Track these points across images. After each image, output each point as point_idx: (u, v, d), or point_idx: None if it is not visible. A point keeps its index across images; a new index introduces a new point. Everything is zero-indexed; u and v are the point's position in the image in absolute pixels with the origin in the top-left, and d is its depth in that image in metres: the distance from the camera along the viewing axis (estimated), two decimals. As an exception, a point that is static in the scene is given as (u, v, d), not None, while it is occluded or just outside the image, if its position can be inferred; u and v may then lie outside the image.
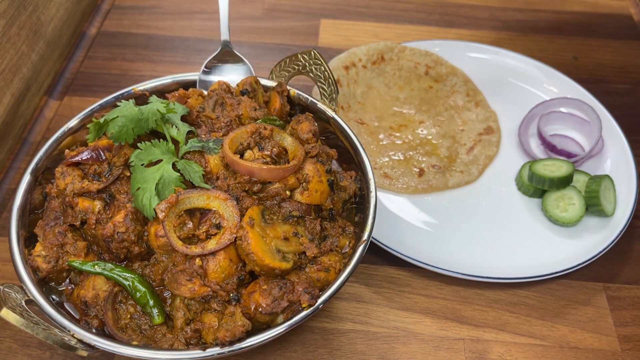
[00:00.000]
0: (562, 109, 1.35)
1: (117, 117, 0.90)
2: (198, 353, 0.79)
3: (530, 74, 1.43)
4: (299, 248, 0.87)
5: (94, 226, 0.88)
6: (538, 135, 1.30)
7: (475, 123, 1.34)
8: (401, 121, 1.33)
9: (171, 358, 0.79)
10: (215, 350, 0.80)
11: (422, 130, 1.32)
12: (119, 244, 0.86)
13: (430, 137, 1.31)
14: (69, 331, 0.80)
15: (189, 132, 0.95)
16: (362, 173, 0.99)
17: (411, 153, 1.27)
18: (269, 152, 0.90)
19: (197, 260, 0.82)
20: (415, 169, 1.24)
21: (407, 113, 1.35)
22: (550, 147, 1.26)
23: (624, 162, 1.24)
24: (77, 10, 1.58)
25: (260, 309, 0.82)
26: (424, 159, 1.26)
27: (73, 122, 1.02)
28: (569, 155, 1.25)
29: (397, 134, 1.30)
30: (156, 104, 0.94)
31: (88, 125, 0.94)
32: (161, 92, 1.06)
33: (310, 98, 1.06)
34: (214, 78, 1.11)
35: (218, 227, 0.84)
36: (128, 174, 0.91)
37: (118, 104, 0.93)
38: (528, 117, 1.33)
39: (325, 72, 1.05)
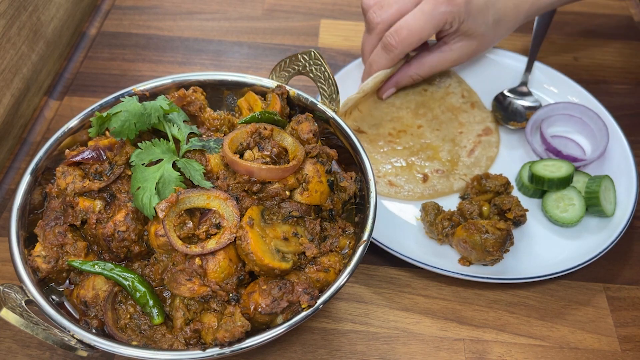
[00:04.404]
0: (567, 113, 1.33)
1: (120, 111, 0.91)
2: (198, 353, 0.79)
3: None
4: (298, 248, 0.87)
5: (94, 226, 0.88)
6: (542, 140, 1.28)
7: (473, 124, 1.33)
8: (400, 127, 1.32)
9: (171, 358, 0.79)
10: (214, 351, 0.80)
11: (421, 135, 1.31)
12: (120, 243, 0.86)
13: (430, 141, 1.30)
14: (68, 331, 0.80)
15: (190, 134, 0.95)
16: (362, 173, 0.98)
17: (413, 159, 1.26)
18: (268, 152, 0.90)
19: (197, 259, 0.82)
20: (418, 175, 1.23)
21: (404, 118, 1.34)
22: (555, 152, 1.25)
23: (624, 162, 1.23)
24: (77, 11, 1.58)
25: (259, 309, 0.82)
26: (426, 164, 1.25)
27: (73, 122, 1.02)
28: (574, 160, 1.23)
29: (397, 140, 1.29)
30: (160, 101, 0.94)
31: (91, 119, 0.95)
32: (161, 93, 1.06)
33: (310, 98, 1.06)
34: None
35: (218, 226, 0.84)
36: (129, 172, 0.91)
37: (122, 99, 0.93)
38: (533, 120, 1.31)
39: (325, 73, 1.05)
